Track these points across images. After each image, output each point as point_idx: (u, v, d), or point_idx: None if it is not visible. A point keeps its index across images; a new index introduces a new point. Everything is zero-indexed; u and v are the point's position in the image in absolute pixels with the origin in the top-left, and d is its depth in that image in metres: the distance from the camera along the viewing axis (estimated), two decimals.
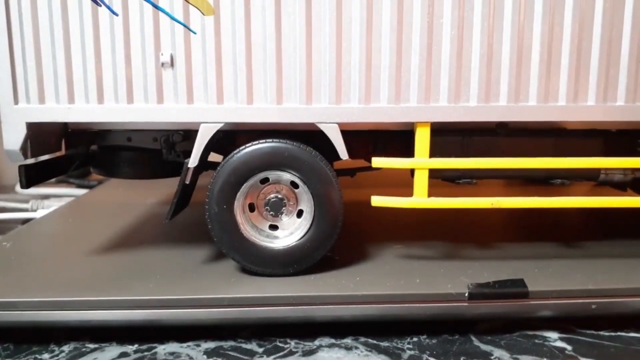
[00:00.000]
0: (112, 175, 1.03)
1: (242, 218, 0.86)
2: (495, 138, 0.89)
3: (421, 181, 0.86)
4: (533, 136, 0.90)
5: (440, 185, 0.91)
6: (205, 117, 0.83)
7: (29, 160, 0.87)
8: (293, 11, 0.80)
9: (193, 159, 0.85)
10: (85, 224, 1.19)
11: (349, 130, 0.86)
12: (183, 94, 0.83)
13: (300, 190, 0.87)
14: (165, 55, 0.81)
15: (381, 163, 0.87)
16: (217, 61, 0.82)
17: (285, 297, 0.78)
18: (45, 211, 1.38)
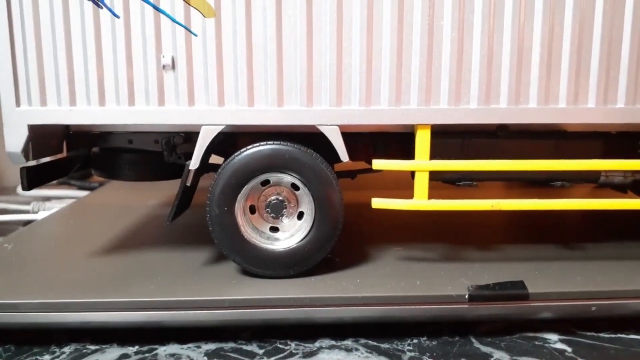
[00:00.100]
0: (113, 177, 1.03)
1: (242, 220, 0.86)
2: (495, 140, 0.89)
3: (421, 183, 0.86)
4: (533, 138, 0.90)
5: (441, 187, 0.91)
6: (206, 119, 0.84)
7: (31, 162, 0.87)
8: (294, 13, 0.81)
9: (194, 161, 0.85)
10: (86, 226, 1.19)
11: (349, 133, 0.87)
12: (184, 96, 0.83)
13: (300, 192, 0.87)
14: (166, 57, 0.82)
15: (382, 165, 0.87)
16: (218, 63, 0.82)
17: (286, 298, 0.78)
18: (47, 213, 1.38)
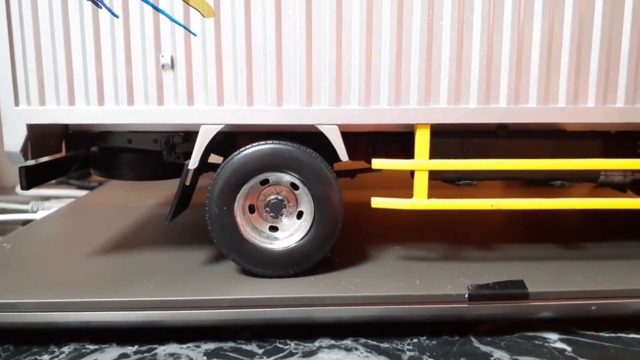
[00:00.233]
0: (112, 177, 1.02)
1: (242, 219, 0.86)
2: (495, 139, 0.89)
3: (421, 182, 0.86)
4: (533, 138, 0.90)
5: (440, 186, 0.91)
6: (205, 119, 0.84)
7: (30, 161, 0.87)
8: (293, 13, 0.80)
9: (193, 161, 0.85)
10: (85, 226, 1.19)
11: (349, 132, 0.87)
12: (183, 95, 0.83)
13: (300, 191, 0.87)
14: (165, 57, 0.82)
15: (381, 164, 0.87)
16: (218, 63, 0.82)
17: (285, 298, 0.78)
18: (46, 212, 1.38)
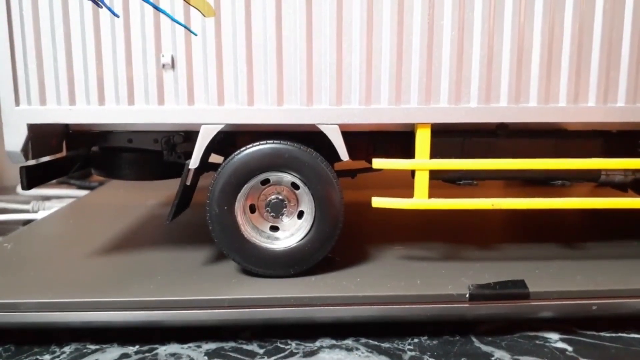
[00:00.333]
0: (113, 177, 1.02)
1: (242, 219, 0.86)
2: (495, 139, 0.89)
3: (422, 182, 0.86)
4: (533, 137, 0.90)
5: (441, 186, 0.91)
6: (206, 119, 0.83)
7: (30, 161, 0.87)
8: (294, 12, 0.80)
9: (194, 161, 0.85)
10: (86, 225, 1.19)
11: (349, 132, 0.87)
12: (184, 95, 0.83)
13: (300, 191, 0.87)
14: (166, 56, 0.82)
15: (382, 164, 0.87)
16: (218, 62, 0.82)
17: (286, 298, 0.78)
18: (46, 212, 1.38)
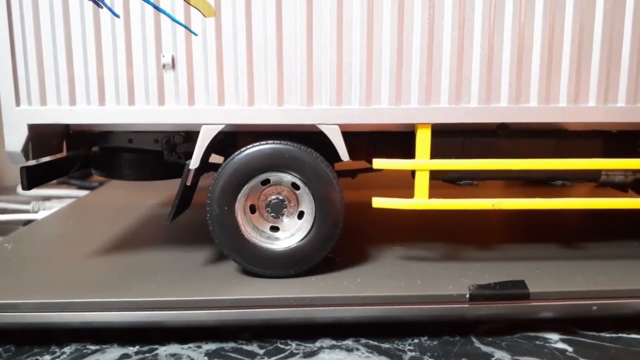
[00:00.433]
0: (113, 177, 1.02)
1: (243, 219, 0.86)
2: (496, 139, 0.89)
3: (422, 182, 0.86)
4: (534, 137, 0.90)
5: (441, 186, 0.91)
6: (206, 119, 0.83)
7: (31, 161, 0.87)
8: (294, 12, 0.80)
9: (194, 161, 0.85)
10: (86, 226, 1.19)
11: (349, 132, 0.87)
12: (184, 95, 0.83)
13: (301, 191, 0.87)
14: (166, 56, 0.82)
15: (382, 164, 0.87)
16: (218, 63, 0.82)
17: (286, 298, 0.78)
18: (47, 212, 1.38)
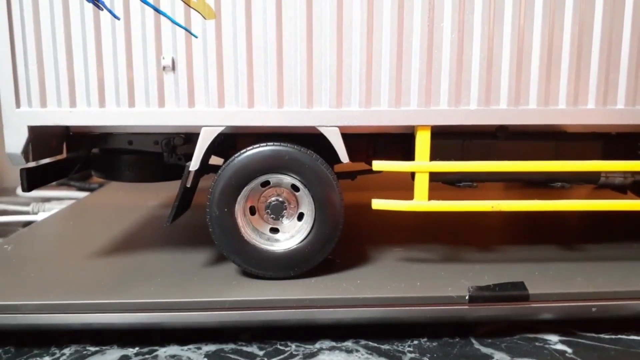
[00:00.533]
0: (113, 179, 1.02)
1: (243, 221, 0.86)
2: (495, 141, 0.89)
3: (422, 184, 0.86)
4: (533, 139, 0.90)
5: (441, 188, 0.91)
6: (206, 121, 0.84)
7: (31, 163, 0.87)
8: (294, 15, 0.81)
9: (194, 162, 0.85)
10: (86, 227, 1.19)
11: (349, 134, 0.87)
12: (184, 97, 0.83)
13: (301, 193, 0.87)
14: (166, 58, 0.82)
15: (382, 166, 0.87)
16: (218, 65, 0.82)
17: (286, 300, 0.78)
18: (46, 214, 1.38)
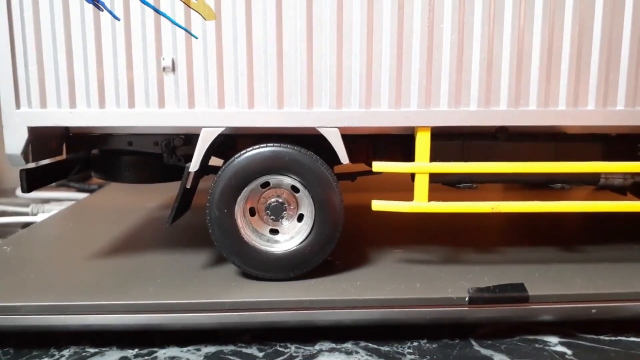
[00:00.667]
0: (112, 179, 1.02)
1: (242, 222, 0.86)
2: (495, 142, 0.89)
3: (421, 185, 0.86)
4: (533, 140, 0.90)
5: (441, 189, 0.91)
6: (206, 122, 0.84)
7: (30, 164, 0.87)
8: (294, 15, 0.81)
9: (194, 163, 0.85)
10: (85, 228, 1.19)
11: (349, 135, 0.87)
12: (184, 98, 0.83)
13: (300, 194, 0.87)
14: (166, 59, 0.82)
15: (382, 167, 0.87)
16: (219, 65, 0.82)
17: (286, 301, 0.78)
18: (46, 215, 1.38)
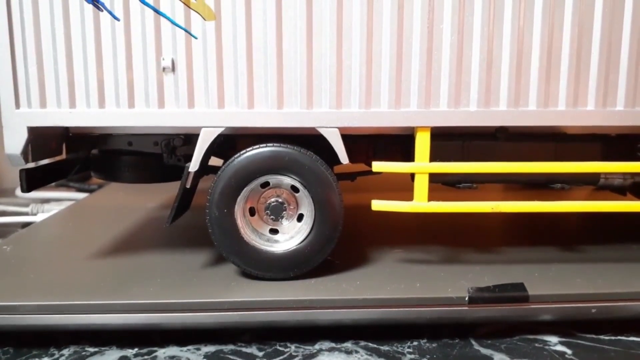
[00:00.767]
0: (112, 179, 1.02)
1: (242, 222, 0.86)
2: (495, 142, 0.90)
3: (421, 185, 0.86)
4: (533, 141, 0.90)
5: (441, 189, 0.91)
6: (206, 122, 0.84)
7: (30, 164, 0.87)
8: (294, 16, 0.81)
9: (194, 163, 0.85)
10: (85, 228, 1.19)
11: (349, 135, 0.87)
12: (184, 98, 0.83)
13: (300, 194, 0.87)
14: (166, 60, 0.82)
15: (381, 167, 0.87)
16: (218, 66, 0.82)
17: (286, 301, 0.78)
18: (46, 215, 1.38)
